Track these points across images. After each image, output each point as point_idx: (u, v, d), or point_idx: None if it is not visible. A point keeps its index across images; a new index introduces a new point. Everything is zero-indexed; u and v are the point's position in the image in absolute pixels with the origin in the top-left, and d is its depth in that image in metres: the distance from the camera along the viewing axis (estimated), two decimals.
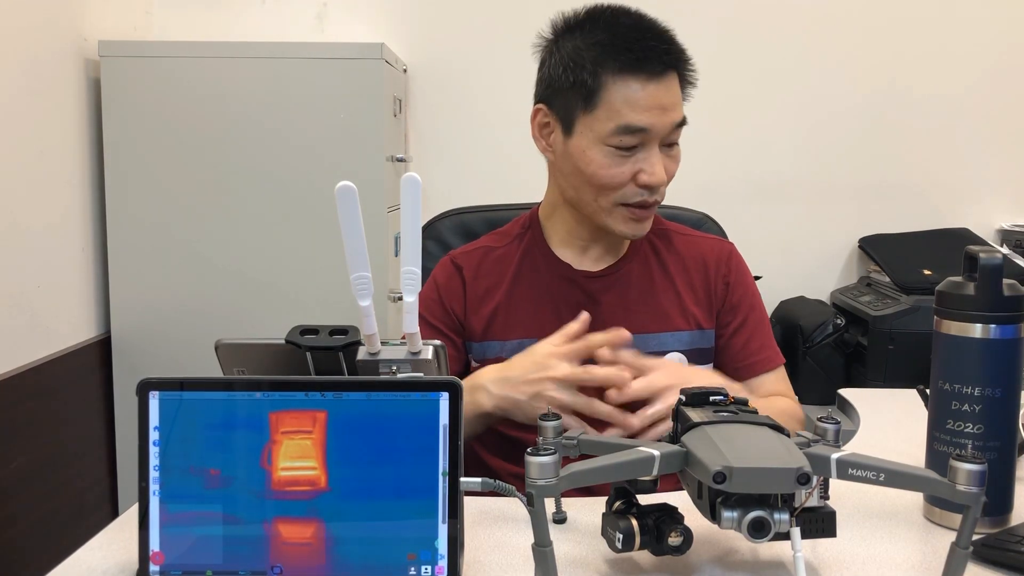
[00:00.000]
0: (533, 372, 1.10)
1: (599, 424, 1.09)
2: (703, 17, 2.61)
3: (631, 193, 1.20)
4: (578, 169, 1.21)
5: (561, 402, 1.08)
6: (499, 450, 1.29)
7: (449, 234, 1.51)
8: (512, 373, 1.12)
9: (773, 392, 1.32)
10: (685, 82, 1.24)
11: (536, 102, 1.27)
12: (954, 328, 0.93)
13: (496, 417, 1.14)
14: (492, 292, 1.30)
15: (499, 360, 1.27)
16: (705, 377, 1.18)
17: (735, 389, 1.25)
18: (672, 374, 1.11)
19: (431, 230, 1.52)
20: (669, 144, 1.21)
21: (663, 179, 1.19)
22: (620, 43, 1.18)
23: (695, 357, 1.30)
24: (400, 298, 1.28)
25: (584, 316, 1.14)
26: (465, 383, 1.15)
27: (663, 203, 1.51)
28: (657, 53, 1.18)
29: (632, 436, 1.08)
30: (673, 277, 1.32)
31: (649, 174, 1.18)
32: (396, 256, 2.32)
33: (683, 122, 1.22)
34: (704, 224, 1.52)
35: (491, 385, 1.12)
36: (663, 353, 1.27)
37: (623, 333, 1.11)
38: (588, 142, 1.19)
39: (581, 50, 1.19)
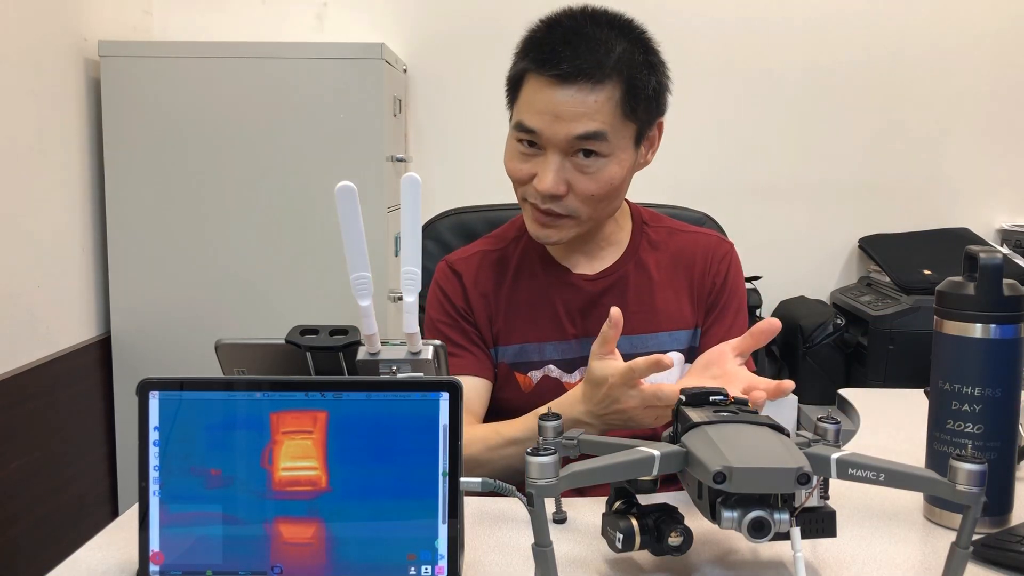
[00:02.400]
0: (611, 405, 1.05)
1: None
2: (703, 18, 2.61)
3: (530, 192, 1.20)
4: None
5: (654, 418, 1.05)
6: None
7: (449, 234, 1.51)
8: (595, 408, 1.06)
9: None
10: (628, 95, 1.15)
11: None
12: (954, 328, 0.93)
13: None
14: (490, 297, 1.29)
15: (501, 366, 1.27)
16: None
17: None
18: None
19: (431, 230, 1.52)
20: (584, 155, 1.15)
21: (548, 188, 1.15)
22: (539, 40, 1.18)
23: (693, 356, 1.29)
24: (400, 298, 1.28)
25: (615, 315, 1.06)
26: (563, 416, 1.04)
27: (663, 203, 1.52)
28: (560, 59, 1.13)
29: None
30: (671, 275, 1.31)
31: (538, 180, 1.17)
32: (396, 256, 2.32)
33: (592, 135, 1.14)
34: (704, 224, 1.52)
35: (587, 417, 1.07)
36: (662, 353, 1.26)
37: (665, 359, 1.02)
38: (509, 133, 1.23)
39: (520, 45, 1.22)
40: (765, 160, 2.68)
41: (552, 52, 1.14)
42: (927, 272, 2.37)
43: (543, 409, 1.08)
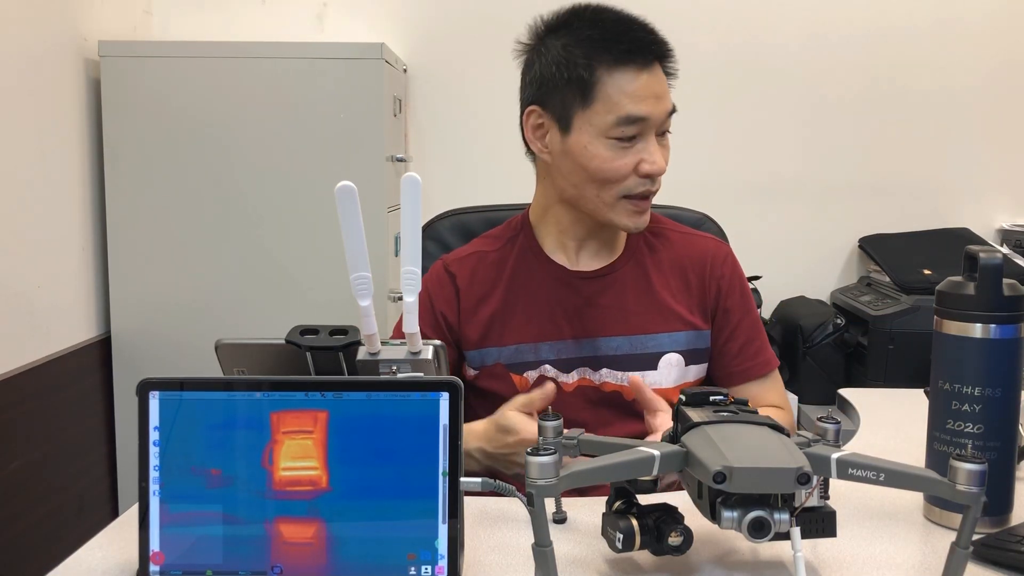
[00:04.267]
0: (510, 456, 1.12)
1: None
2: (703, 17, 2.61)
3: (634, 184, 1.21)
4: (580, 166, 1.21)
5: None
6: None
7: (449, 234, 1.51)
8: (493, 449, 1.13)
9: (764, 398, 1.31)
10: (668, 73, 1.25)
11: (527, 104, 1.26)
12: (954, 328, 0.93)
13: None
14: (487, 298, 1.29)
15: (497, 367, 1.27)
16: None
17: None
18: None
19: (431, 230, 1.52)
20: (662, 133, 1.24)
21: (663, 167, 1.22)
22: (610, 36, 1.20)
23: (691, 358, 1.29)
24: (400, 298, 1.28)
25: (549, 388, 1.13)
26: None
27: (662, 203, 1.52)
28: (645, 44, 1.20)
29: None
30: (669, 277, 1.31)
31: (650, 163, 1.20)
32: (396, 256, 2.32)
33: (674, 110, 1.24)
34: (704, 224, 1.52)
35: (477, 454, 1.15)
36: (660, 354, 1.27)
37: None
38: (589, 137, 1.20)
39: (571, 47, 1.20)
40: (765, 160, 2.68)
41: (635, 40, 1.20)
42: (927, 272, 2.37)
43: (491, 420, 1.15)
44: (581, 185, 1.23)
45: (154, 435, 0.80)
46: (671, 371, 1.27)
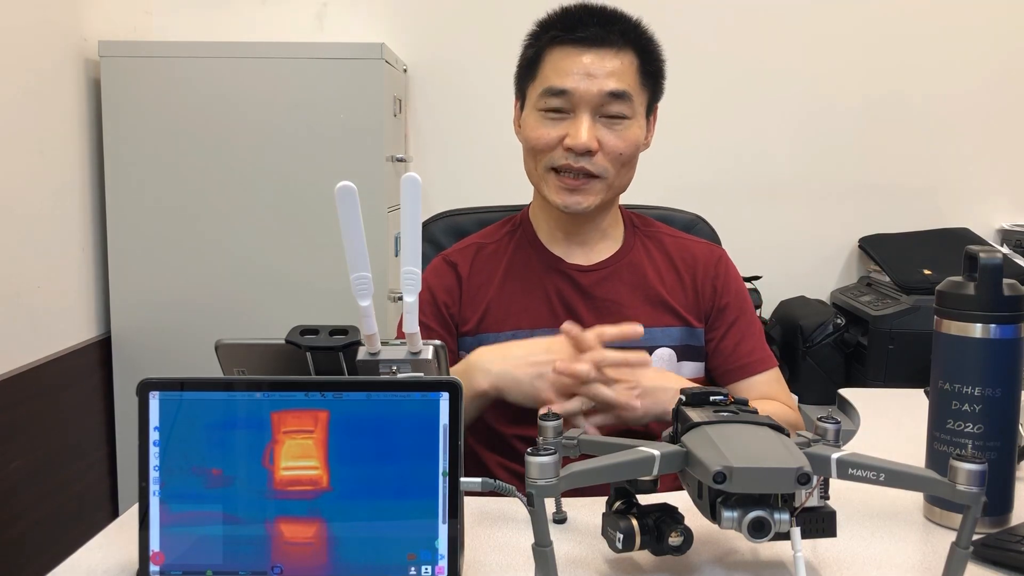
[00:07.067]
0: (539, 354, 1.13)
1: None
2: (703, 16, 2.61)
3: (559, 156, 1.24)
4: (522, 139, 1.29)
5: (563, 383, 1.09)
6: (498, 448, 1.29)
7: (443, 236, 1.52)
8: (515, 351, 1.15)
9: (766, 394, 1.32)
10: (643, 65, 1.25)
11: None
12: (954, 328, 0.93)
13: (490, 398, 1.15)
14: (486, 286, 1.32)
15: None
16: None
17: None
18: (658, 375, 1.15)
19: (425, 232, 1.52)
20: (610, 116, 1.23)
21: (584, 142, 1.21)
22: (558, 17, 1.26)
23: (684, 353, 1.30)
24: (400, 298, 1.29)
25: (567, 325, 1.16)
26: (457, 366, 1.16)
27: (656, 204, 1.52)
28: (587, 24, 1.22)
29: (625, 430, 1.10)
30: (663, 275, 1.33)
31: (572, 137, 1.22)
32: (396, 256, 2.32)
33: (619, 95, 1.22)
34: (696, 225, 1.53)
35: (489, 364, 1.14)
36: (652, 348, 1.28)
37: (636, 328, 1.13)
38: (528, 110, 1.28)
39: (533, 29, 1.29)
40: (765, 160, 2.68)
41: (578, 20, 1.23)
42: (927, 272, 2.37)
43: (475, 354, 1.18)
44: (525, 159, 1.29)
45: (154, 435, 0.80)
46: (662, 365, 1.28)
